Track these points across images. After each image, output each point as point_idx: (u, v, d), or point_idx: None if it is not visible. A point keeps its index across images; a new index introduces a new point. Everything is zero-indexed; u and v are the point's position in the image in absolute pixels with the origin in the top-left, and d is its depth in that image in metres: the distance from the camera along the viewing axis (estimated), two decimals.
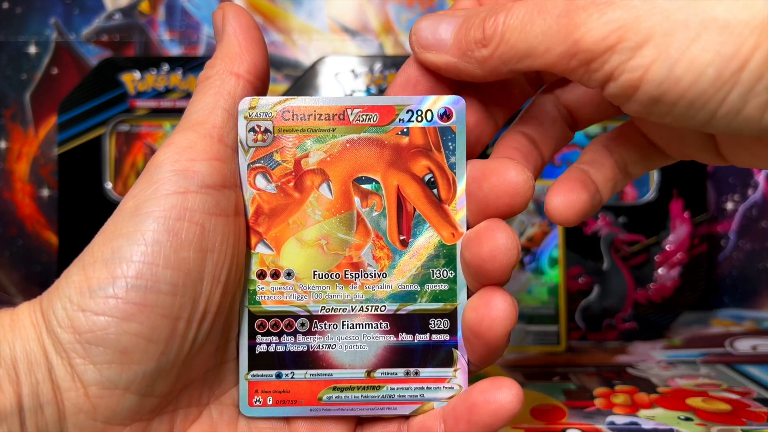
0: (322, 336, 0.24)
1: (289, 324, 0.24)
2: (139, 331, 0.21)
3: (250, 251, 0.24)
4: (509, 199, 0.23)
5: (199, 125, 0.23)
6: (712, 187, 0.55)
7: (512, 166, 0.23)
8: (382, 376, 0.24)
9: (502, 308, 0.22)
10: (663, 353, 0.47)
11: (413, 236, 0.24)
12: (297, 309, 0.24)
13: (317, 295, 0.24)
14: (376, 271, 0.24)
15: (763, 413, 0.34)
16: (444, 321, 0.24)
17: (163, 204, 0.21)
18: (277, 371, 0.24)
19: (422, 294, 0.24)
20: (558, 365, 0.44)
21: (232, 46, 0.24)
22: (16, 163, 0.55)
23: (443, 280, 0.24)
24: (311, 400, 0.24)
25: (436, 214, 0.24)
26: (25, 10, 0.55)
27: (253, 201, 0.24)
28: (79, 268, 0.21)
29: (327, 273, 0.24)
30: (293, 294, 0.24)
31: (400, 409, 0.24)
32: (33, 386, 0.20)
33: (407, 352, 0.24)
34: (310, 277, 0.24)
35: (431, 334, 0.24)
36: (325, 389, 0.24)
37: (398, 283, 0.24)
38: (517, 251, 0.22)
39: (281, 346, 0.24)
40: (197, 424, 0.24)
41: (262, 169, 0.24)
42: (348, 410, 0.24)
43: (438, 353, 0.24)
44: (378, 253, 0.24)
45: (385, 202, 0.24)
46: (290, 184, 0.24)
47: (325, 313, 0.24)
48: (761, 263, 0.56)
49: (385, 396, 0.24)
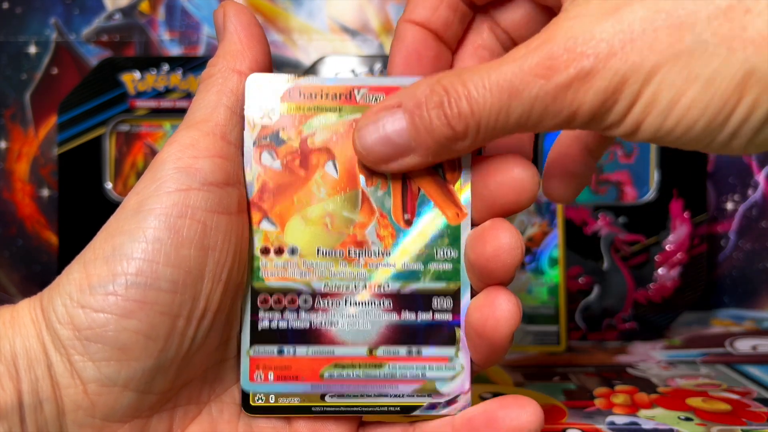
0: (324, 313, 0.24)
1: (292, 300, 0.24)
2: (138, 329, 0.21)
3: (254, 232, 0.24)
4: (515, 195, 0.23)
5: (202, 123, 0.23)
6: (712, 187, 0.55)
7: (518, 163, 0.23)
8: (384, 354, 0.24)
9: (506, 308, 0.22)
10: (663, 353, 0.47)
11: (417, 215, 0.24)
12: (300, 286, 0.24)
13: (321, 272, 0.24)
14: (380, 250, 0.24)
15: (763, 413, 0.34)
16: (447, 300, 0.24)
17: (164, 201, 0.21)
18: (278, 347, 0.24)
19: (425, 273, 0.24)
20: (558, 365, 0.44)
21: (234, 43, 0.24)
22: (16, 163, 0.55)
23: (447, 260, 0.24)
24: (312, 376, 0.24)
25: (441, 194, 0.24)
26: (25, 10, 0.55)
27: (258, 178, 0.24)
28: (80, 265, 0.21)
29: (331, 251, 0.24)
30: (297, 271, 0.24)
31: (401, 387, 0.24)
32: (33, 383, 0.20)
33: (410, 330, 0.24)
34: (314, 254, 0.24)
35: (434, 313, 0.24)
36: (327, 366, 0.24)
37: (402, 261, 0.24)
38: (521, 250, 0.22)
39: (283, 322, 0.24)
40: (197, 422, 0.23)
41: (268, 146, 0.24)
42: (349, 388, 0.24)
43: (440, 332, 0.24)
44: (382, 232, 0.24)
45: (390, 181, 0.24)
46: (296, 162, 0.24)
47: (328, 290, 0.24)
48: (761, 263, 0.56)
49: (386, 374, 0.24)
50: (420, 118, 0.21)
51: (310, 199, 0.24)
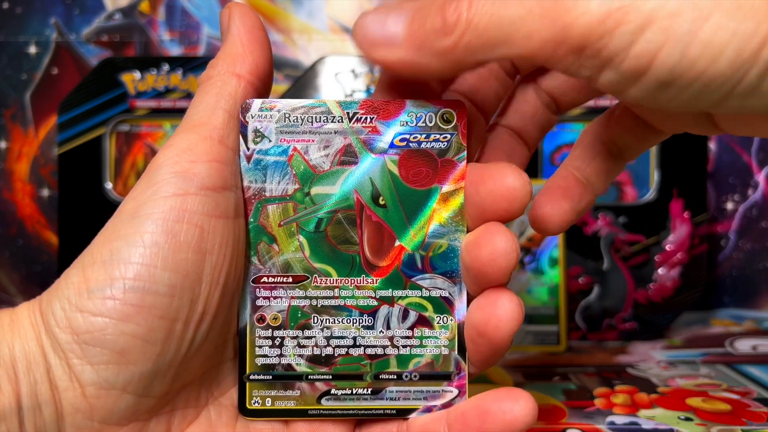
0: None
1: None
2: (136, 332, 0.21)
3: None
4: (507, 203, 0.23)
5: (199, 127, 0.23)
6: (712, 187, 0.55)
7: (510, 171, 0.23)
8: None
9: (509, 308, 0.22)
10: (663, 353, 0.47)
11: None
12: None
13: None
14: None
15: (763, 413, 0.34)
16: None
17: (162, 206, 0.21)
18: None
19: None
20: (558, 365, 0.44)
21: (235, 46, 0.24)
22: (16, 163, 0.55)
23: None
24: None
25: None
26: (25, 10, 0.55)
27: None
28: (78, 269, 0.21)
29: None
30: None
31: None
32: (31, 386, 0.20)
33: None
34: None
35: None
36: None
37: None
38: (516, 254, 0.22)
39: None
40: (195, 425, 0.24)
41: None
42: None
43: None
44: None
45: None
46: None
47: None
48: (761, 263, 0.56)
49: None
50: (419, 11, 0.20)
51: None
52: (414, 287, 0.24)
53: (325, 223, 0.24)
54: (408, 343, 0.24)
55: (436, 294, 0.24)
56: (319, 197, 0.24)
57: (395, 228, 0.24)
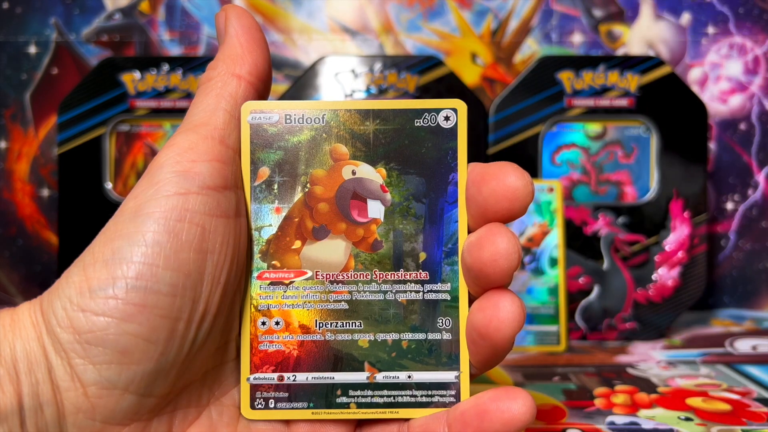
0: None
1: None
2: (138, 332, 0.21)
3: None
4: (508, 203, 0.23)
5: (200, 127, 0.23)
6: (712, 187, 0.55)
7: (512, 170, 0.23)
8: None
9: (510, 309, 0.22)
10: (663, 353, 0.47)
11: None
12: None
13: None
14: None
15: (763, 413, 0.34)
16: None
17: (163, 205, 0.21)
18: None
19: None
20: (558, 365, 0.44)
21: (234, 47, 0.24)
22: (16, 163, 0.55)
23: None
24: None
25: None
26: (25, 10, 0.55)
27: None
28: (80, 268, 0.21)
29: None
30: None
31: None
32: (33, 386, 0.20)
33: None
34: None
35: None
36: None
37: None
38: (518, 255, 0.22)
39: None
40: (196, 425, 0.24)
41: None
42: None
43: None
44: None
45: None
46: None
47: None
48: (761, 263, 0.56)
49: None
50: None
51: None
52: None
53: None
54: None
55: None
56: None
57: None
